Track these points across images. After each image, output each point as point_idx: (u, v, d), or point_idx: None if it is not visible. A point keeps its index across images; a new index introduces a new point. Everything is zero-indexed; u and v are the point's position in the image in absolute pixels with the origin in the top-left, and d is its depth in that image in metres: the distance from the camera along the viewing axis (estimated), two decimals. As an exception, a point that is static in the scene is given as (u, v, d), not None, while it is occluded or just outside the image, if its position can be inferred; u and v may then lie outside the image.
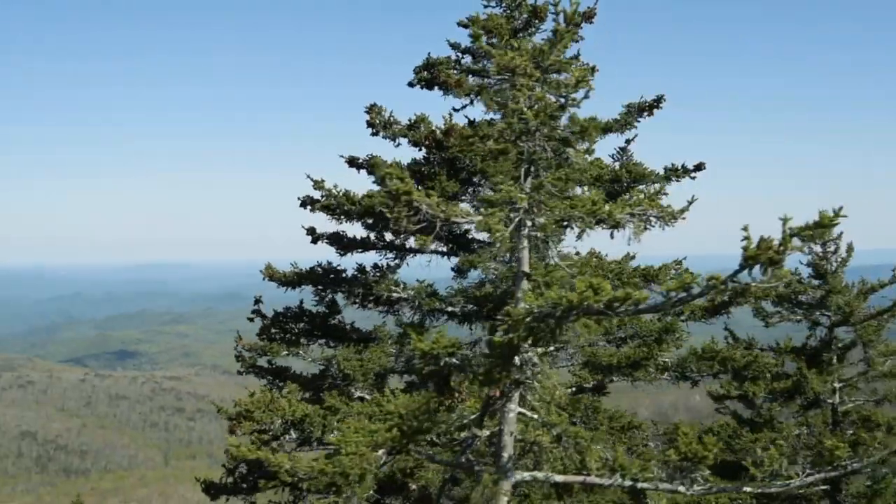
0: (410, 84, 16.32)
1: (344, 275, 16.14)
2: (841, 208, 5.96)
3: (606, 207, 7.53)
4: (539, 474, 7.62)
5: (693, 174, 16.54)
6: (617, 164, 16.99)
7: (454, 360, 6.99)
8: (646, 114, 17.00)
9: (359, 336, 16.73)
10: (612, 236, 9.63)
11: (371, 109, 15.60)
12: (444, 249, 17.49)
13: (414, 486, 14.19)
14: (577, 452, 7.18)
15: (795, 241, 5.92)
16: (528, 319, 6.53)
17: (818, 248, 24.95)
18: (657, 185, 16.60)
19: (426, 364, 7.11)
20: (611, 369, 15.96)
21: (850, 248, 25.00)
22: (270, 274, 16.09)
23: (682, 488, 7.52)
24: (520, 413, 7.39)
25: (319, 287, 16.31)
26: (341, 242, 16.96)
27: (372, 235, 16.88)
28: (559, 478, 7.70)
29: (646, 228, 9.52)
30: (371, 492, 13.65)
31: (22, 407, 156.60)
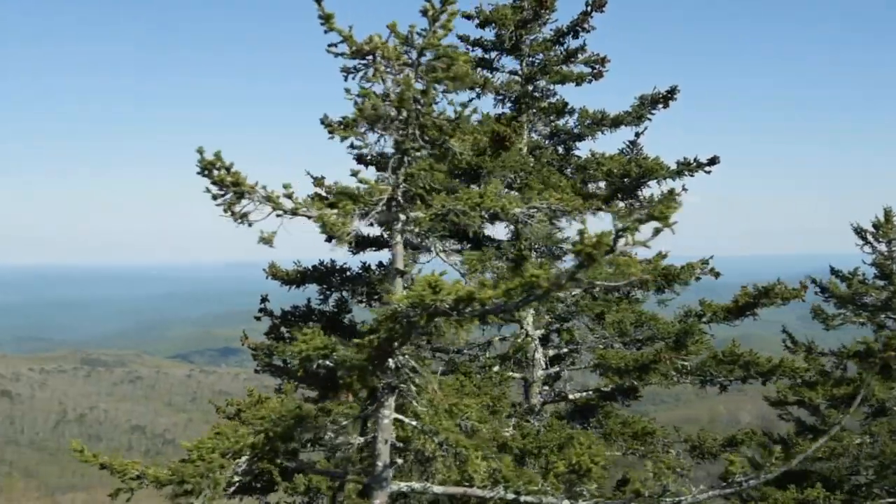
0: (412, 79, 15.99)
1: (348, 273, 15.90)
2: (674, 197, 5.36)
3: (499, 201, 7.00)
4: (416, 485, 7.16)
5: (707, 168, 15.69)
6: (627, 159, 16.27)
7: (328, 362, 6.63)
8: (660, 106, 16.29)
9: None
10: (516, 230, 9.10)
11: (369, 105, 15.33)
12: (456, 248, 17.11)
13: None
14: (459, 462, 6.70)
15: (639, 235, 5.37)
16: (395, 319, 6.13)
17: (882, 247, 23.52)
18: (669, 180, 15.84)
19: (300, 365, 6.77)
20: (619, 372, 15.29)
21: (918, 247, 23.42)
22: (274, 272, 15.98)
23: (566, 502, 6.95)
24: (398, 420, 6.96)
25: (324, 286, 16.09)
26: (355, 240, 16.75)
27: (385, 233, 16.59)
28: (438, 489, 7.23)
29: (552, 223, 8.92)
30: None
31: (132, 401, 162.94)
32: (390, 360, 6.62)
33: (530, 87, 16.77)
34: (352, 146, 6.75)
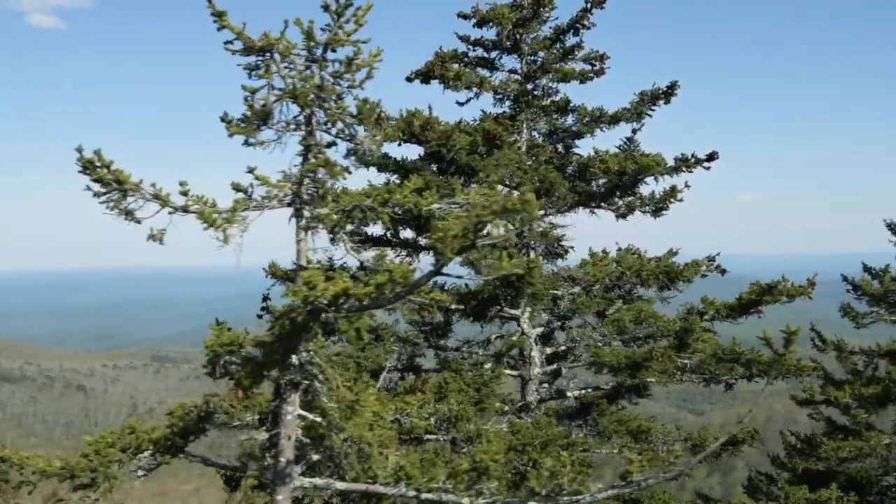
0: (408, 79, 16.10)
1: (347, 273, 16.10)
2: (521, 185, 5.45)
3: (412, 197, 7.06)
4: (319, 481, 7.25)
5: (706, 164, 15.48)
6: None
7: (234, 358, 6.80)
8: (661, 102, 16.11)
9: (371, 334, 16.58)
10: (434, 228, 9.04)
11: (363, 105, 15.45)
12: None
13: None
14: (362, 458, 6.79)
15: (498, 230, 5.48)
16: (285, 316, 6.30)
17: (917, 242, 22.85)
18: (666, 177, 15.71)
19: (209, 362, 6.97)
20: (613, 370, 15.23)
21: (956, 242, 22.71)
22: (273, 272, 16.23)
23: (466, 500, 6.97)
24: (301, 416, 7.09)
25: (324, 285, 16.29)
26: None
27: (388, 233, 16.71)
28: (341, 485, 7.31)
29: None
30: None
31: (198, 397, 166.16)
32: (294, 356, 6.77)
33: (530, 86, 16.73)
34: (246, 143, 6.87)
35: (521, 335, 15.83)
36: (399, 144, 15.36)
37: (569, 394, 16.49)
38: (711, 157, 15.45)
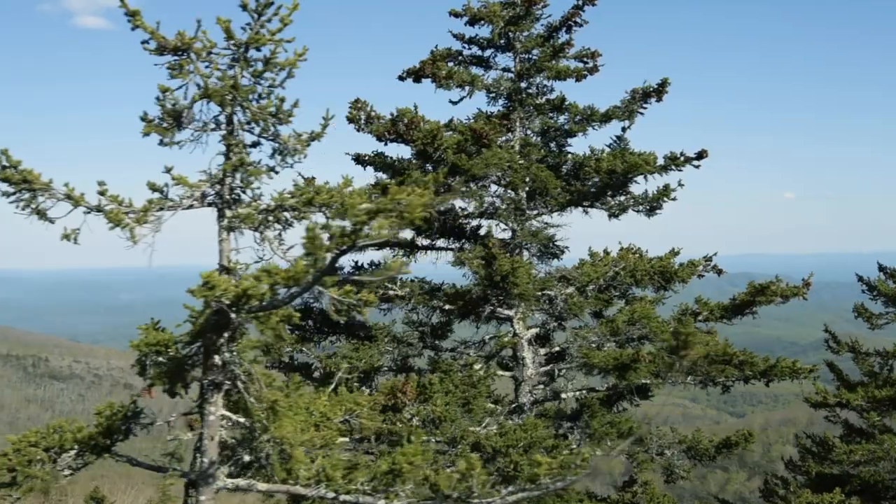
0: (400, 78, 16.11)
1: (339, 272, 16.10)
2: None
3: (339, 196, 7.06)
4: (242, 482, 7.26)
5: (696, 162, 15.27)
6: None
7: (161, 359, 6.86)
8: (653, 99, 15.95)
9: (366, 333, 16.62)
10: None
11: (354, 104, 15.52)
12: (454, 247, 17.15)
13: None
14: (283, 459, 6.79)
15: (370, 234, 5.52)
16: (196, 317, 6.36)
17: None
18: (656, 175, 15.55)
19: (136, 362, 7.05)
20: (602, 372, 15.14)
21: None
22: (268, 271, 16.32)
23: (382, 503, 6.96)
24: (225, 416, 7.12)
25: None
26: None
27: (385, 232, 16.67)
28: (262, 486, 7.33)
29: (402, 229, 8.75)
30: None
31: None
32: (216, 356, 6.81)
33: (524, 84, 16.64)
34: (161, 143, 6.91)
35: (512, 336, 15.77)
36: (385, 144, 15.37)
37: (563, 395, 16.38)
38: (701, 155, 15.23)
